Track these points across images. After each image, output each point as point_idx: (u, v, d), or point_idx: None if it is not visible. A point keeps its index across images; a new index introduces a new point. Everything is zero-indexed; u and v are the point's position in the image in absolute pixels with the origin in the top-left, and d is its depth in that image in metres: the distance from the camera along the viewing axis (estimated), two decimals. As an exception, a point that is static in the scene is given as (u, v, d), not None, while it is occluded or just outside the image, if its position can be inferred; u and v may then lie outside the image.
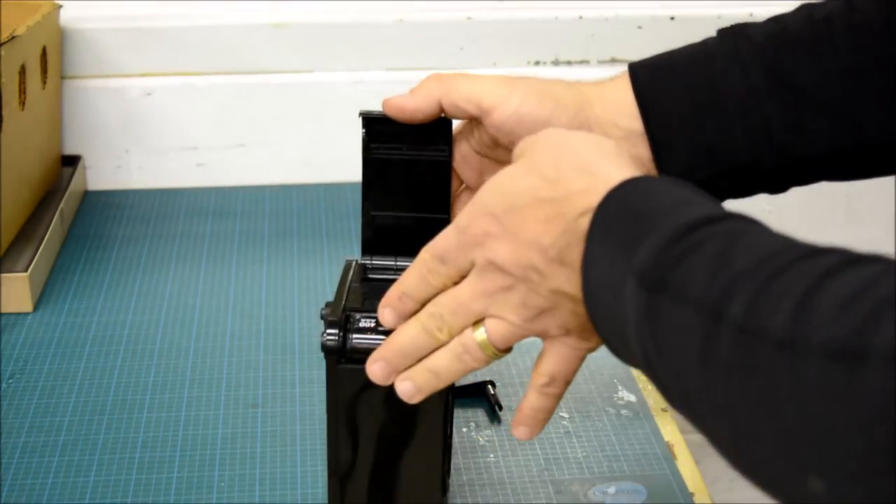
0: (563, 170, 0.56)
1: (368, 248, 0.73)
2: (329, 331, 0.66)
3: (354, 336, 0.66)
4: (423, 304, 0.62)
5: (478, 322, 0.60)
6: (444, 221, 0.71)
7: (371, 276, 0.72)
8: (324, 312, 0.67)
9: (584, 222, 0.54)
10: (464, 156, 0.71)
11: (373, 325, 0.65)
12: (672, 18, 1.28)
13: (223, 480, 0.80)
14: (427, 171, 0.71)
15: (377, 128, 0.70)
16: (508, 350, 0.61)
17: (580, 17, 1.26)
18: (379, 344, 0.63)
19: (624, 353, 0.54)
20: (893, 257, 0.43)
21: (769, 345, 0.42)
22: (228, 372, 0.92)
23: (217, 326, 0.99)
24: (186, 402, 0.88)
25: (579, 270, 0.55)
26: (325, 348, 0.66)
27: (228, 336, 0.98)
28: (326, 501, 0.76)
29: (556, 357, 0.60)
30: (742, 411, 0.44)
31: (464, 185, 0.73)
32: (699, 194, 0.54)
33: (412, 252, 0.64)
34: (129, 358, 0.94)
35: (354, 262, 0.72)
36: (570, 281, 0.56)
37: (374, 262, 0.72)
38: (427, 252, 0.61)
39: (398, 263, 0.72)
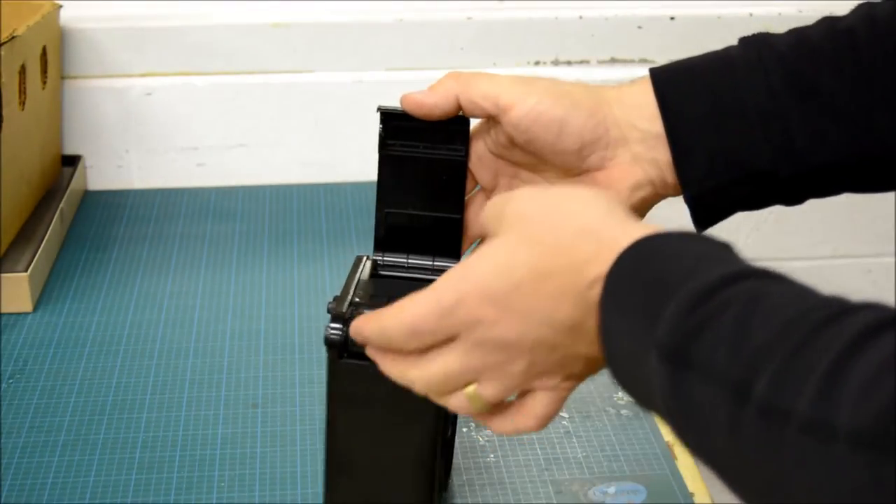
0: (563, 235, 0.55)
1: (381, 245, 0.72)
2: (333, 325, 0.65)
3: None
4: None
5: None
6: (458, 221, 0.71)
7: (382, 272, 0.72)
8: (330, 306, 0.67)
9: (596, 292, 0.53)
10: (479, 156, 0.71)
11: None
12: (672, 18, 1.28)
13: (223, 480, 0.80)
14: (442, 170, 0.71)
15: (394, 124, 0.70)
16: None
17: (580, 17, 1.26)
18: None
19: (648, 408, 0.54)
20: None
21: (794, 429, 0.42)
22: (228, 372, 0.93)
23: (217, 326, 0.99)
24: (186, 402, 0.88)
25: (596, 336, 0.54)
26: (328, 342, 0.65)
27: (228, 336, 0.98)
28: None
29: (549, 400, 0.59)
30: (776, 491, 0.44)
31: (478, 186, 0.73)
32: (709, 245, 0.53)
33: (424, 250, 0.64)
34: (129, 358, 0.94)
35: (365, 258, 0.72)
36: (586, 345, 0.55)
37: (385, 258, 0.72)
38: (397, 327, 0.58)
39: (410, 261, 0.72)
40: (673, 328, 0.48)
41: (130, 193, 1.25)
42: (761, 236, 1.38)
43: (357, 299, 0.67)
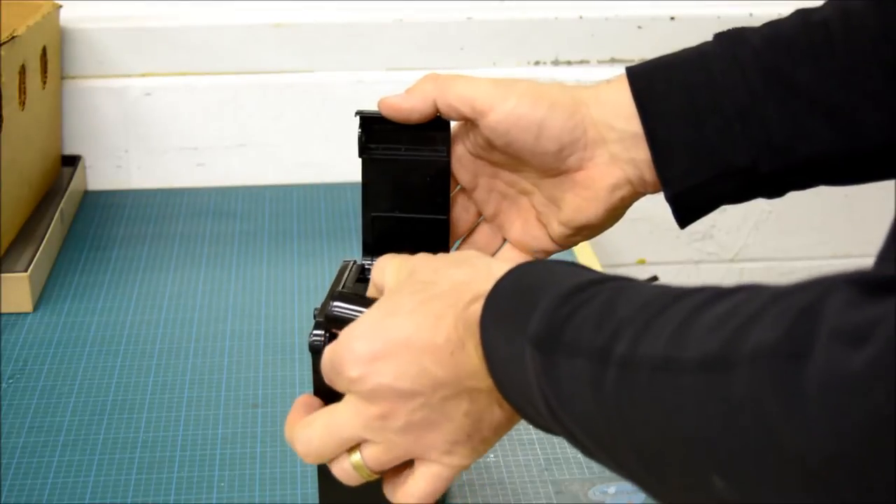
0: (439, 269, 0.59)
1: (369, 250, 0.73)
2: (315, 332, 0.66)
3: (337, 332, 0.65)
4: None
5: (354, 448, 0.60)
6: (444, 222, 0.71)
7: (370, 277, 0.72)
8: (316, 312, 0.67)
9: (476, 309, 0.56)
10: (458, 157, 0.72)
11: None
12: (672, 18, 1.28)
13: (223, 480, 0.80)
14: (426, 171, 0.71)
15: (374, 127, 0.70)
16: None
17: (580, 17, 1.26)
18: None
19: (537, 419, 0.55)
20: (759, 286, 0.45)
21: (647, 370, 0.45)
22: (228, 372, 0.93)
23: (217, 326, 0.99)
24: (186, 402, 0.88)
25: (479, 367, 0.56)
26: (312, 348, 0.66)
27: (228, 336, 0.98)
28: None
29: (431, 479, 0.60)
30: (639, 436, 0.46)
31: (459, 187, 0.73)
32: (585, 268, 0.56)
33: (413, 251, 0.64)
34: (129, 358, 0.94)
35: (352, 263, 0.72)
36: (468, 376, 0.57)
37: (373, 263, 0.72)
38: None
39: None
40: (544, 320, 0.51)
41: (130, 193, 1.25)
42: (761, 236, 1.38)
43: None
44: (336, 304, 0.64)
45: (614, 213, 0.71)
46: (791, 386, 0.38)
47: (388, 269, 0.63)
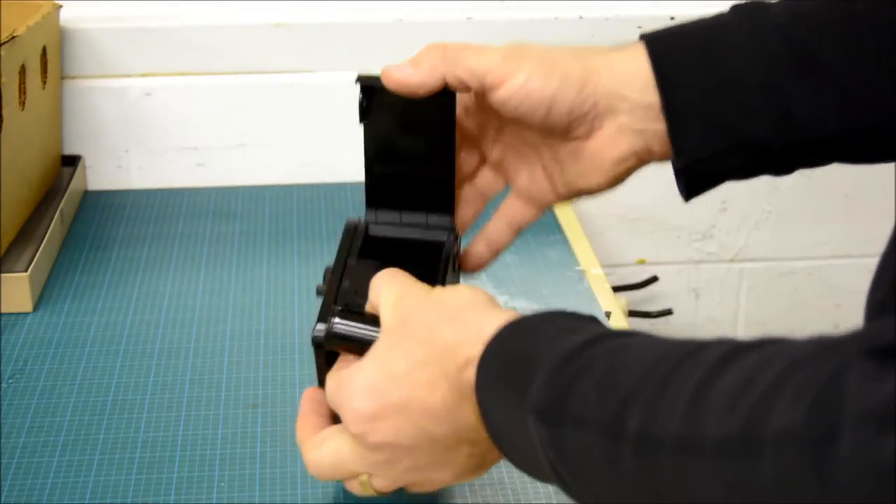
0: (433, 327, 0.59)
1: (373, 202, 0.72)
2: (318, 326, 0.66)
3: (337, 321, 0.65)
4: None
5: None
6: (448, 180, 0.70)
7: (376, 233, 0.71)
8: (320, 287, 0.68)
9: (470, 376, 0.56)
10: (465, 107, 0.70)
11: (356, 308, 0.66)
12: (672, 18, 1.27)
13: (223, 480, 0.80)
14: (429, 131, 0.69)
15: (375, 93, 0.68)
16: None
17: (580, 17, 1.26)
18: (363, 332, 0.64)
19: (540, 477, 0.55)
20: (775, 340, 0.44)
21: (667, 450, 0.44)
22: (228, 372, 0.92)
23: (217, 326, 0.99)
24: (186, 402, 0.88)
25: (475, 423, 0.57)
26: (315, 342, 0.66)
27: (228, 336, 0.98)
28: (326, 502, 0.77)
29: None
30: None
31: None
32: (572, 318, 0.56)
33: (416, 206, 0.64)
34: (129, 358, 0.94)
35: (357, 223, 0.71)
36: (466, 432, 0.58)
37: (378, 217, 0.71)
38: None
39: (403, 218, 0.71)
40: (545, 391, 0.50)
41: (130, 193, 1.25)
42: (761, 236, 1.38)
43: (343, 291, 0.67)
44: (338, 322, 0.65)
45: (617, 181, 0.70)
46: (822, 474, 0.37)
47: (384, 298, 0.63)
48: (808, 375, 0.40)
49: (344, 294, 0.69)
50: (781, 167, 0.68)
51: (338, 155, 1.27)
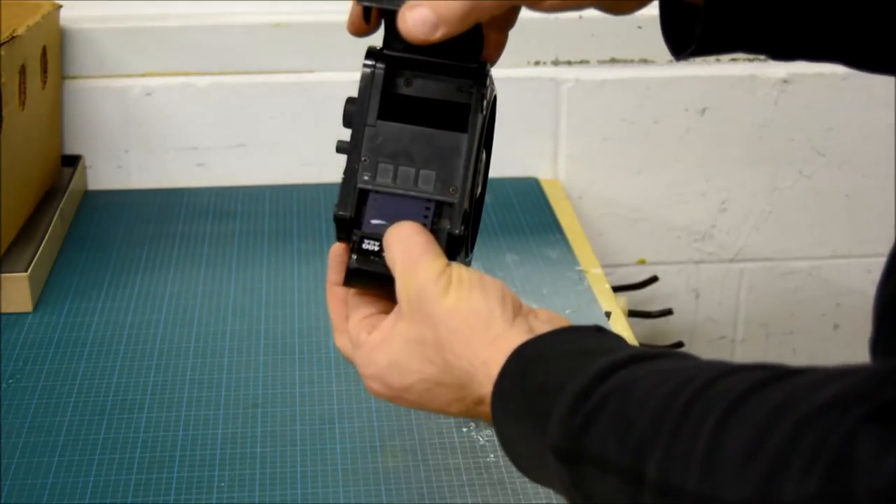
0: (447, 353, 0.59)
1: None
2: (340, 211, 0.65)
3: (356, 258, 0.64)
4: None
5: None
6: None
7: (399, 72, 0.67)
8: (340, 144, 0.67)
9: (484, 409, 0.58)
10: None
11: (377, 248, 0.64)
12: (672, 18, 1.28)
13: (223, 480, 0.80)
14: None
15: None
16: None
17: (580, 17, 1.26)
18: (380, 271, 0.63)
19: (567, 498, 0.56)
20: (778, 377, 0.44)
21: None
22: (228, 372, 0.92)
23: (217, 326, 0.99)
24: (186, 402, 0.88)
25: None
26: (336, 218, 0.65)
27: (228, 336, 0.98)
28: (326, 502, 0.77)
29: None
30: None
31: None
32: (580, 337, 0.56)
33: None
34: (129, 358, 0.94)
35: (373, 71, 0.68)
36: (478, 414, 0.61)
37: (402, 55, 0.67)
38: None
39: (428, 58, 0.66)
40: (562, 430, 0.51)
41: (130, 193, 1.25)
42: (761, 236, 1.38)
43: (363, 172, 0.66)
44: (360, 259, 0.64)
45: None
46: None
47: (398, 267, 0.61)
48: (816, 441, 0.40)
49: (373, 152, 0.67)
50: (781, 49, 0.67)
51: (338, 155, 1.26)
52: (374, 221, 0.65)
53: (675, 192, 1.35)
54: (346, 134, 0.70)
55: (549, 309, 0.62)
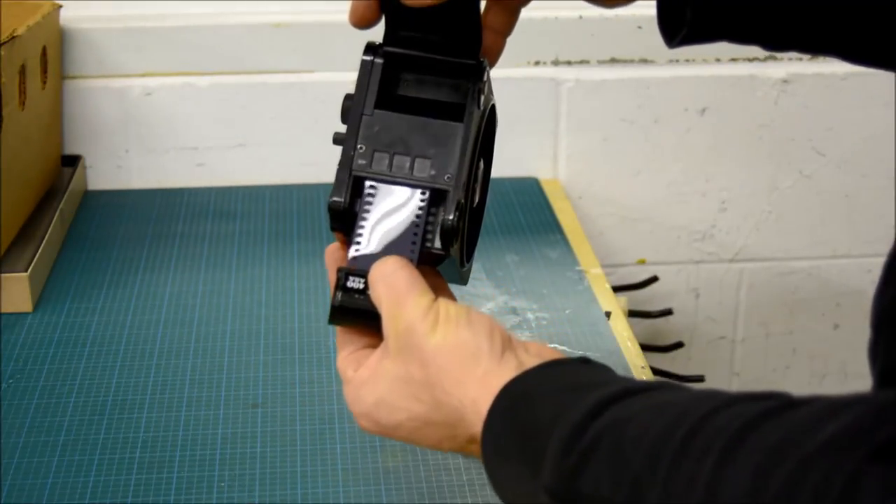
0: (435, 392, 0.58)
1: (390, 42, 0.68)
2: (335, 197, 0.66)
3: (341, 295, 0.64)
4: None
5: None
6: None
7: (396, 53, 0.67)
8: (337, 135, 0.67)
9: (475, 449, 0.58)
10: None
11: (361, 286, 0.63)
12: (672, 18, 1.27)
13: (223, 480, 0.80)
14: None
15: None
16: None
17: (580, 17, 1.26)
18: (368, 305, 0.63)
19: None
20: (775, 412, 0.44)
21: None
22: (228, 372, 0.92)
23: (217, 326, 0.99)
24: (186, 402, 0.88)
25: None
26: (330, 206, 0.66)
27: (228, 336, 0.98)
28: (326, 502, 0.77)
29: None
30: None
31: None
32: (568, 371, 0.56)
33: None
34: (129, 358, 0.94)
35: (371, 65, 0.68)
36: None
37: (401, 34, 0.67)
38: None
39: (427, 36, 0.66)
40: (555, 471, 0.50)
41: (130, 193, 1.25)
42: (761, 236, 1.38)
43: (357, 164, 0.66)
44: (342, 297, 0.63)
45: None
46: None
47: (384, 304, 0.61)
48: (819, 483, 0.40)
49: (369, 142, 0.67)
50: (775, 38, 0.67)
51: (338, 155, 1.26)
52: (360, 254, 0.64)
53: (675, 192, 1.35)
54: (344, 129, 0.69)
55: (547, 309, 0.62)
